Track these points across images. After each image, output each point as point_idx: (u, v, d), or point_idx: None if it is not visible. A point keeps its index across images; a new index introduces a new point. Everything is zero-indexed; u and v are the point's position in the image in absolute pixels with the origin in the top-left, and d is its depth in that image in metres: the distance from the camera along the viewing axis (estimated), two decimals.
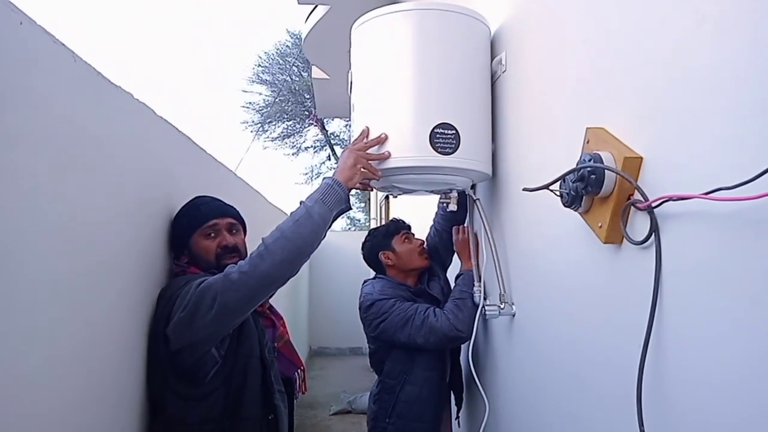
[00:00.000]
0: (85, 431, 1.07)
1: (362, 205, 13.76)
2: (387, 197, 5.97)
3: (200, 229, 1.51)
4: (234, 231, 1.57)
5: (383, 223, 6.08)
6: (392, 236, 2.06)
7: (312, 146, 14.67)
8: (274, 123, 14.09)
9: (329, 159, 14.64)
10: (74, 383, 1.03)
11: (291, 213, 1.36)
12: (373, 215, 8.34)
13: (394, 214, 5.17)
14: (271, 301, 1.72)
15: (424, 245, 2.08)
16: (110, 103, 1.22)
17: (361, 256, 2.15)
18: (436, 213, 2.09)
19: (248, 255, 1.34)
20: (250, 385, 1.41)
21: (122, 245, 1.25)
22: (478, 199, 1.70)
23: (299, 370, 1.79)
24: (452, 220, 2.00)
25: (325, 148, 14.59)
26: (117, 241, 1.22)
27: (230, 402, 1.37)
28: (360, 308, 1.97)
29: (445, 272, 2.14)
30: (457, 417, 2.13)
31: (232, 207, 1.62)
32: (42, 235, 0.93)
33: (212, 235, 1.51)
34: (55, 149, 0.97)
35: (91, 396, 1.09)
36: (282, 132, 14.23)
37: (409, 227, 2.14)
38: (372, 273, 2.14)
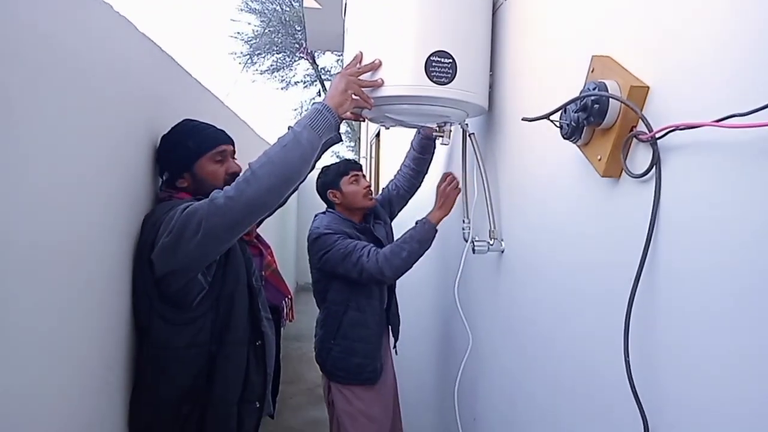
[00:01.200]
0: (71, 357, 1.06)
1: (352, 144, 13.58)
2: (377, 135, 5.88)
3: (210, 153, 1.48)
4: (236, 159, 1.56)
5: (373, 163, 6.04)
6: (342, 176, 2.18)
7: (302, 81, 14.24)
8: (263, 55, 13.58)
9: (319, 95, 14.28)
10: (58, 308, 1.01)
11: (279, 138, 1.32)
12: (363, 154, 8.24)
13: (383, 154, 5.10)
14: (258, 230, 1.70)
15: (370, 188, 2.21)
16: (87, 13, 1.14)
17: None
18: (399, 170, 2.30)
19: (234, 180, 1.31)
20: (237, 311, 1.41)
21: (103, 169, 1.20)
22: (472, 133, 1.65)
23: (286, 299, 1.80)
24: (412, 181, 2.25)
25: (315, 83, 14.18)
26: (98, 164, 1.17)
27: (217, 327, 1.37)
28: (308, 240, 2.12)
29: (391, 221, 2.36)
30: (395, 347, 2.40)
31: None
32: (18, 158, 0.87)
33: (220, 160, 1.50)
34: (26, 64, 0.89)
35: (75, 322, 1.08)
36: (271, 65, 13.75)
37: (360, 168, 2.26)
38: None
